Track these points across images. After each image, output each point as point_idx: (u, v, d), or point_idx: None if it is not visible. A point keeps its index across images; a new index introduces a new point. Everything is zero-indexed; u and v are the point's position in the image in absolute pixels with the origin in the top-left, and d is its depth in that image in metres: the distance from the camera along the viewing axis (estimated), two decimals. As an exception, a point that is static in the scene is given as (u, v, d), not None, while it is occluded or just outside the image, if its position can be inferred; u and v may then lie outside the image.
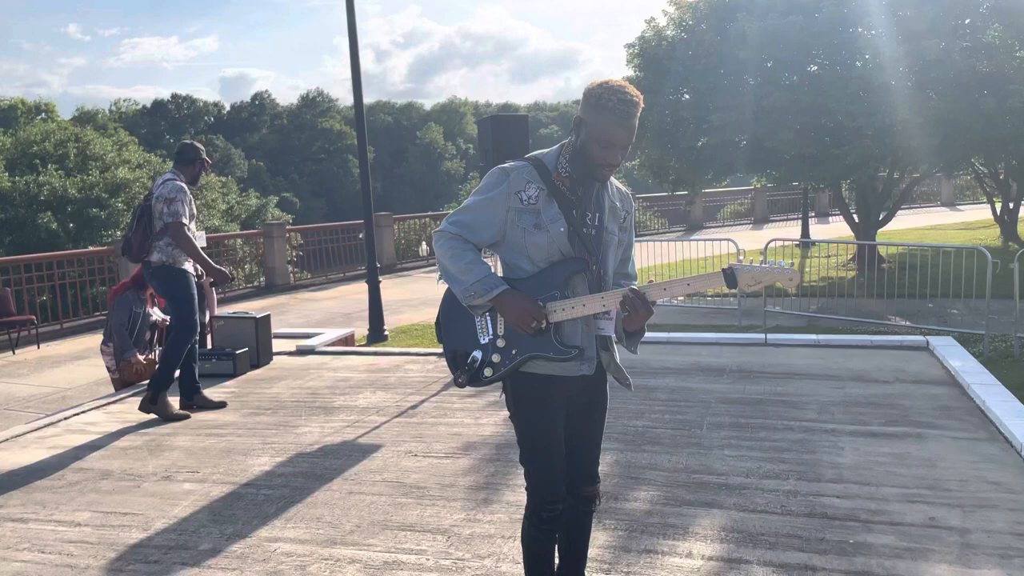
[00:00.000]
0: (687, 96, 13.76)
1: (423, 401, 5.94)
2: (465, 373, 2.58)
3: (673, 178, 15.16)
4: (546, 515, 2.64)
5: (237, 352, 6.99)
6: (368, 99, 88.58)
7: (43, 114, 53.86)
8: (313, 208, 64.20)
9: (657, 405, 5.66)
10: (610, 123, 2.41)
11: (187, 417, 5.75)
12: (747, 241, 13.39)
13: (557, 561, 2.83)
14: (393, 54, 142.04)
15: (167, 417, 5.68)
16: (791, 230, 21.76)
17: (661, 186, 16.23)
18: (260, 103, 78.35)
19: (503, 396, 2.68)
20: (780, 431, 5.00)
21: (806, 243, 16.34)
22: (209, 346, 7.32)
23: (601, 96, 2.43)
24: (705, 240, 12.77)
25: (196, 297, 5.77)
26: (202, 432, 5.41)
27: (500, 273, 2.61)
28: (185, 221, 5.60)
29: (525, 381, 2.57)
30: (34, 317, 11.58)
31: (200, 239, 5.89)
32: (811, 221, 22.65)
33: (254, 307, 13.29)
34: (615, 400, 5.74)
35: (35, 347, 11.31)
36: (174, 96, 75.92)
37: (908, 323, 9.61)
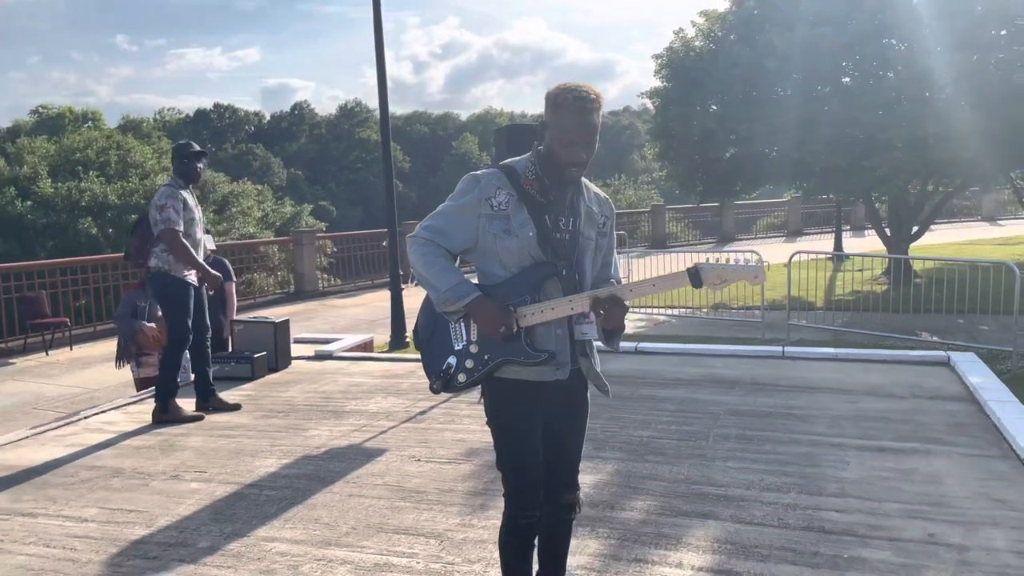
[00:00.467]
0: (715, 107, 13.70)
1: (432, 407, 5.98)
2: (439, 379, 2.62)
3: (701, 189, 15.09)
4: (523, 522, 2.66)
5: (255, 356, 7.12)
6: (405, 110, 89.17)
7: (90, 122, 55.10)
8: (349, 216, 64.88)
9: (665, 416, 5.64)
10: (568, 121, 2.46)
11: (201, 418, 5.85)
12: (773, 253, 13.24)
13: (536, 568, 2.84)
14: (431, 65, 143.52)
15: (181, 420, 5.79)
16: (824, 243, 21.48)
17: (689, 197, 16.15)
18: (299, 113, 79.52)
19: (481, 402, 2.71)
20: (786, 444, 4.95)
21: (829, 256, 16.09)
22: (230, 349, 7.45)
23: (557, 96, 2.48)
24: (731, 251, 12.67)
25: (191, 305, 5.80)
26: (214, 433, 5.52)
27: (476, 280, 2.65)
28: (178, 227, 5.63)
29: (500, 386, 2.60)
30: (67, 320, 11.90)
31: (208, 241, 5.97)
32: (846, 234, 22.35)
33: (282, 312, 13.48)
34: (622, 410, 5.78)
35: (68, 349, 11.62)
36: (216, 106, 77.40)
37: (936, 338, 9.45)
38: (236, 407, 6.09)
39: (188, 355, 7.01)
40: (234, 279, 8.03)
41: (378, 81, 10.08)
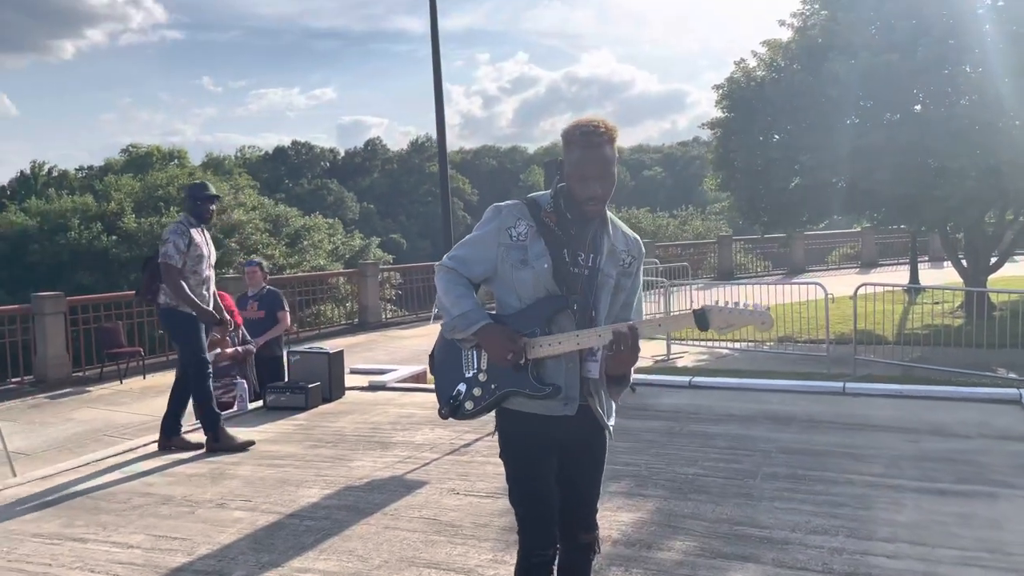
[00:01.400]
0: (778, 137, 13.48)
1: (477, 439, 5.97)
2: (448, 405, 2.63)
3: (766, 220, 14.80)
4: (536, 560, 2.61)
5: (309, 386, 7.25)
6: (474, 144, 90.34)
7: (176, 160, 57.39)
8: (419, 248, 65.90)
9: (713, 452, 5.49)
10: (579, 157, 2.47)
11: (250, 445, 5.94)
12: (838, 285, 12.88)
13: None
14: (500, 99, 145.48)
15: (233, 449, 5.89)
16: (900, 274, 20.74)
17: (752, 228, 15.87)
18: (372, 149, 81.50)
19: (495, 435, 2.70)
20: (839, 485, 4.76)
21: (903, 288, 15.51)
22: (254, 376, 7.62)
23: (569, 133, 2.50)
24: (794, 284, 12.37)
25: (202, 336, 5.89)
26: (263, 462, 5.63)
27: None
28: (173, 262, 5.74)
29: (510, 419, 2.59)
30: (141, 349, 12.36)
31: (210, 280, 5.98)
32: (923, 265, 21.55)
33: (344, 343, 13.73)
34: (669, 446, 5.66)
35: (141, 377, 12.05)
36: (294, 143, 80.00)
37: (1014, 375, 8.98)
38: (200, 446, 6.01)
39: (245, 385, 7.24)
40: (286, 309, 8.25)
41: (437, 119, 10.28)
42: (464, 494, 4.79)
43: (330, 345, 10.51)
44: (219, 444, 5.90)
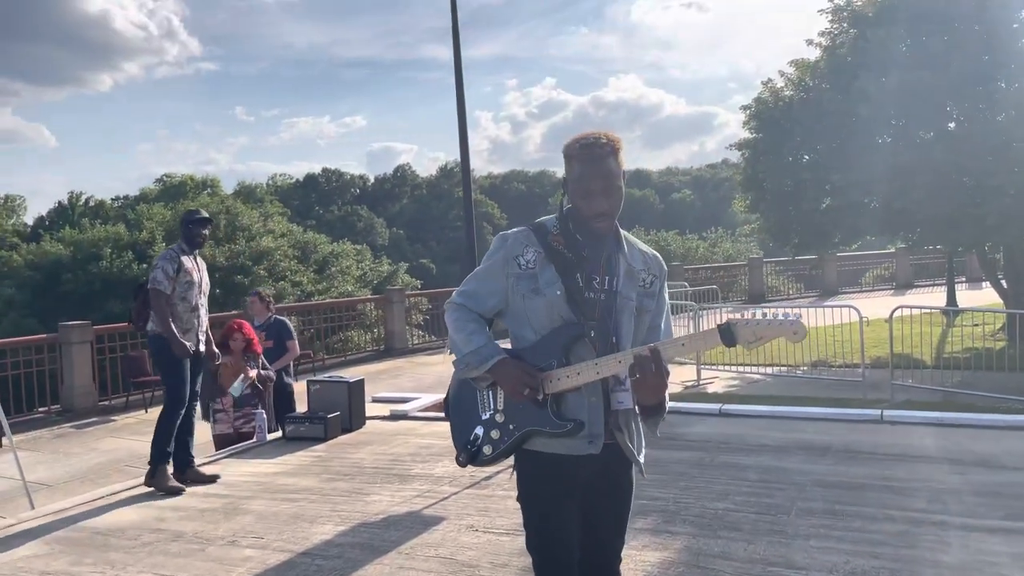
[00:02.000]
0: (807, 157, 13.23)
1: (498, 472, 5.77)
2: (465, 451, 2.45)
3: (797, 241, 14.50)
4: None
5: (329, 416, 7.11)
6: (503, 168, 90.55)
7: (208, 189, 58.13)
8: (448, 273, 65.98)
9: (744, 486, 5.24)
10: (580, 171, 2.33)
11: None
12: (873, 308, 12.53)
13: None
14: (528, 125, 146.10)
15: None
16: (937, 296, 20.23)
17: (783, 249, 15.56)
18: (402, 175, 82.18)
19: (513, 477, 2.52)
20: (879, 521, 4.49)
21: (941, 310, 15.07)
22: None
23: (569, 148, 2.36)
24: (826, 307, 12.05)
25: (186, 369, 5.74)
26: (278, 496, 5.48)
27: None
28: (162, 288, 5.63)
29: (529, 460, 2.41)
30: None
31: (202, 307, 5.83)
32: (960, 286, 21.00)
33: (370, 370, 13.64)
34: (698, 479, 5.42)
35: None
36: (324, 170, 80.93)
37: (1061, 401, 8.60)
38: (213, 479, 5.89)
39: (264, 415, 7.12)
40: (294, 338, 8.18)
41: (461, 148, 10.20)
42: (483, 531, 4.59)
43: (356, 372, 10.41)
44: (154, 481, 5.70)
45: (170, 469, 5.79)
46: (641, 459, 2.48)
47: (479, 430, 2.42)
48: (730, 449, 6.21)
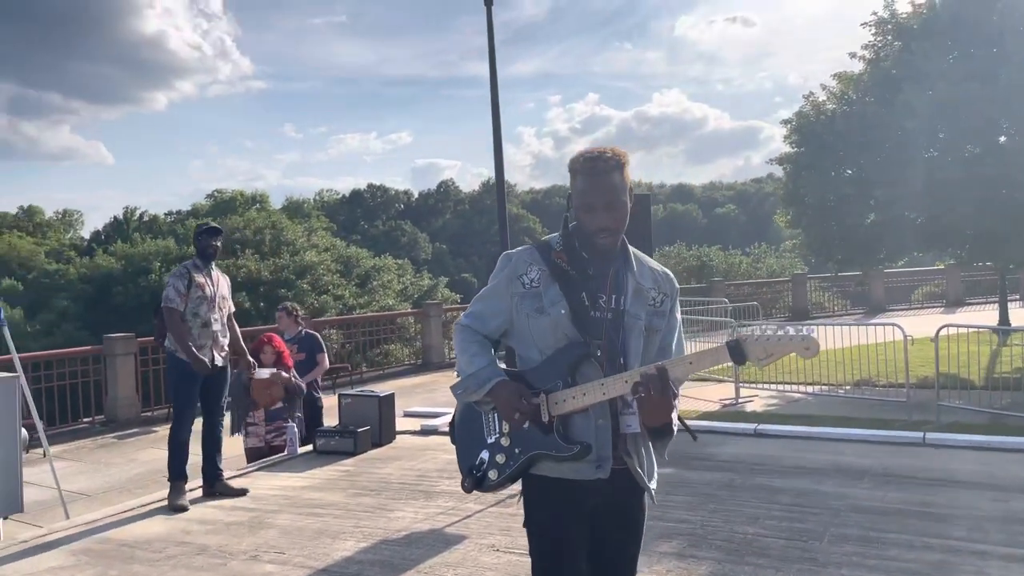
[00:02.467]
0: (850, 171, 12.96)
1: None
2: (471, 476, 2.39)
3: (839, 257, 14.18)
4: None
5: (359, 430, 7.13)
6: (545, 184, 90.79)
7: (258, 204, 59.06)
8: (489, 289, 66.11)
9: (776, 510, 5.09)
10: (583, 185, 2.28)
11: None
12: (921, 326, 12.15)
13: None
14: (571, 140, 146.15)
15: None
16: (989, 314, 19.60)
17: (825, 265, 15.25)
18: (445, 190, 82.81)
19: (520, 501, 2.45)
20: (916, 550, 4.32)
21: (993, 329, 14.55)
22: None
23: (574, 162, 2.31)
24: (868, 325, 11.73)
25: (195, 386, 5.76)
26: (303, 511, 5.49)
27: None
28: (173, 306, 5.68)
29: (534, 485, 2.33)
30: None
31: (215, 322, 5.81)
32: (1014, 304, 20.31)
33: (407, 384, 13.69)
34: (729, 501, 5.28)
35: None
36: (369, 186, 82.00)
37: (1118, 425, 8.21)
38: (242, 492, 5.93)
39: (295, 429, 7.16)
40: (325, 351, 8.21)
41: (496, 164, 10.21)
42: (504, 551, 4.53)
43: (393, 385, 10.45)
44: (167, 496, 5.75)
45: (190, 485, 5.84)
46: (652, 486, 2.39)
47: (484, 454, 2.36)
48: (763, 471, 6.05)
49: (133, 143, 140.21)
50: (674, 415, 2.28)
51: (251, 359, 6.42)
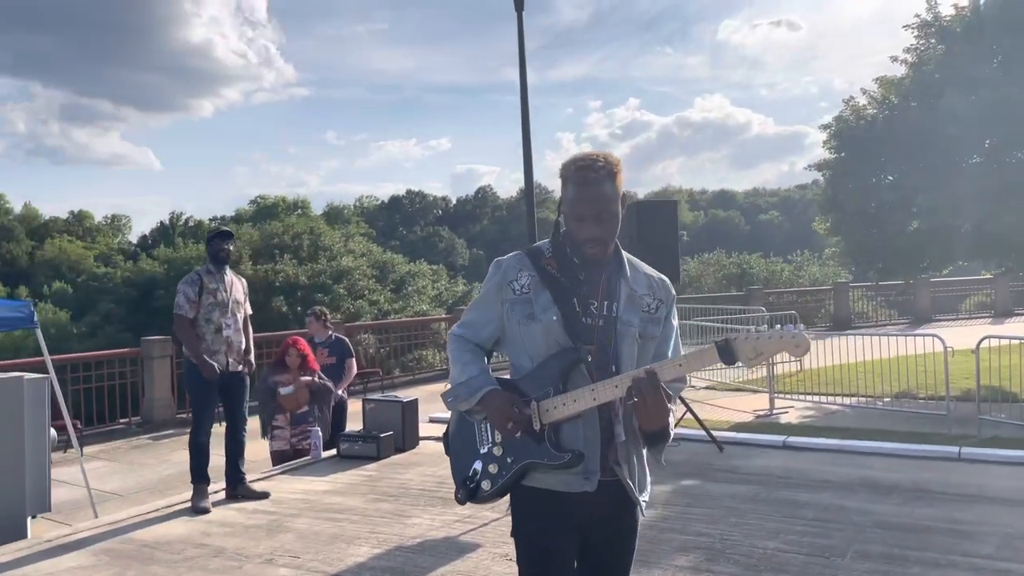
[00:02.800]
0: (891, 178, 12.65)
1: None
2: (464, 487, 2.35)
3: (880, 266, 13.85)
4: None
5: (382, 435, 7.14)
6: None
7: (299, 210, 59.78)
8: (527, 295, 66.11)
9: (798, 524, 4.97)
10: (573, 194, 2.23)
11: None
12: (966, 337, 11.81)
13: None
14: (611, 145, 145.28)
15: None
16: (1039, 325, 19.01)
17: (866, 274, 14.92)
18: (483, 196, 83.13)
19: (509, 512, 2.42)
20: (940, 568, 4.17)
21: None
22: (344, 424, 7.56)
23: (565, 169, 2.26)
24: (908, 336, 11.43)
25: (210, 392, 5.80)
26: (322, 515, 5.51)
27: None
28: (183, 312, 5.74)
29: (523, 496, 2.30)
30: (242, 393, 12.68)
31: (228, 328, 5.81)
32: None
33: (435, 389, 13.67)
34: (750, 515, 5.17)
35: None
36: (408, 192, 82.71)
37: None
38: (264, 495, 5.97)
39: (319, 432, 7.20)
40: (354, 355, 8.25)
41: (525, 169, 10.18)
42: (515, 561, 4.47)
43: (423, 391, 10.48)
44: (192, 500, 5.80)
45: (215, 487, 5.90)
46: (644, 498, 2.34)
47: (478, 464, 2.33)
48: (789, 484, 5.92)
49: (180, 149, 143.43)
50: (670, 419, 2.23)
51: (252, 362, 6.36)
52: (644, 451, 2.33)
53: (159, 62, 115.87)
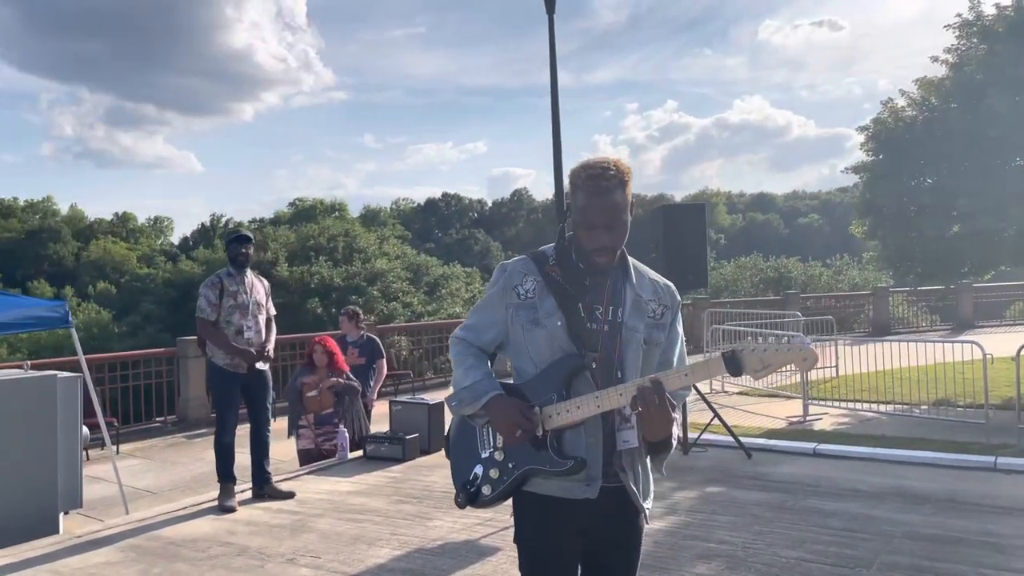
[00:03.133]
0: (930, 180, 12.38)
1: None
2: (464, 492, 2.35)
3: (920, 271, 13.55)
4: None
5: (408, 437, 7.17)
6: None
7: (336, 212, 60.36)
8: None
9: (825, 534, 4.87)
10: (584, 203, 2.21)
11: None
12: (1007, 343, 11.50)
13: None
14: (648, 148, 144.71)
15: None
16: (1087, 332, 18.44)
17: (904, 279, 14.61)
18: (518, 199, 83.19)
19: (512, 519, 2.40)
20: (971, 582, 4.06)
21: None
22: (369, 423, 7.59)
23: (575, 176, 2.24)
24: (946, 343, 11.16)
25: (232, 392, 5.89)
26: (344, 516, 5.54)
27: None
28: (204, 316, 5.81)
29: (525, 502, 2.28)
30: (274, 393, 12.83)
31: (249, 330, 5.86)
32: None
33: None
34: (775, 523, 5.09)
35: (273, 420, 12.48)
36: (444, 194, 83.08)
37: None
38: (290, 495, 6.02)
39: (346, 433, 7.25)
40: (383, 356, 8.28)
41: (555, 168, 10.16)
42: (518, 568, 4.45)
43: (443, 395, 10.50)
44: (219, 498, 5.88)
45: (241, 486, 5.98)
46: (648, 505, 2.31)
47: (478, 469, 2.32)
48: (817, 493, 5.81)
49: (221, 153, 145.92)
50: (674, 429, 2.20)
51: (271, 353, 6.37)
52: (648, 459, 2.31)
53: (202, 67, 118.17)
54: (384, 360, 8.27)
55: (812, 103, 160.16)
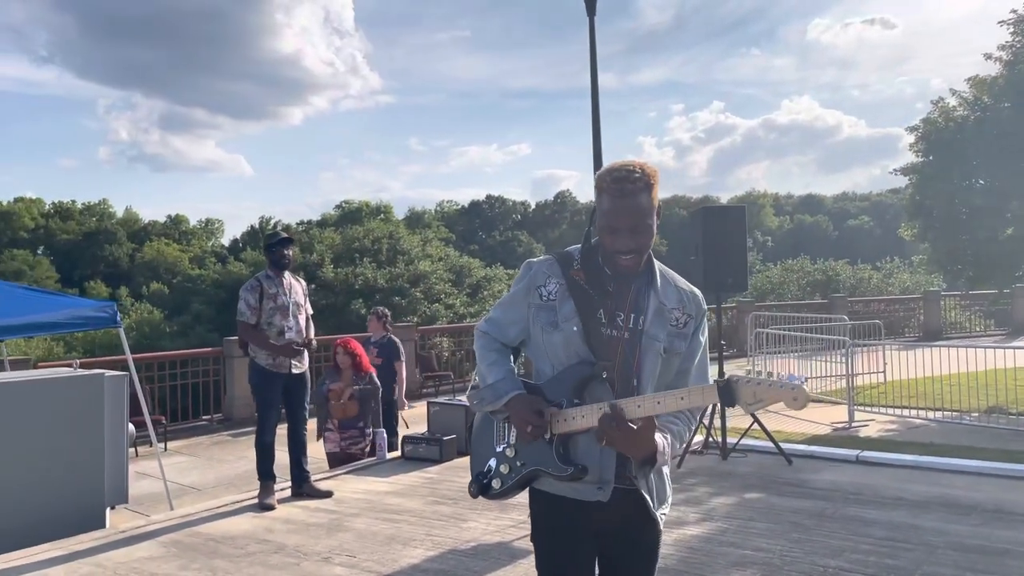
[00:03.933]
0: (982, 182, 12.06)
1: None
2: (476, 482, 2.37)
3: (971, 274, 13.21)
4: None
5: (445, 439, 7.21)
6: (665, 194, 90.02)
7: (382, 214, 60.90)
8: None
9: (865, 543, 4.77)
10: (608, 206, 2.19)
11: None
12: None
13: None
14: (694, 149, 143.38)
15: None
16: None
17: (955, 283, 14.25)
18: (561, 201, 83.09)
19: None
20: (1017, 596, 3.94)
21: None
22: (402, 425, 7.64)
23: (600, 180, 2.23)
24: (997, 348, 10.85)
25: (273, 393, 5.98)
26: (381, 516, 5.60)
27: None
28: (245, 319, 5.91)
29: (538, 500, 2.30)
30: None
31: (290, 330, 5.94)
32: None
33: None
34: (815, 531, 5.01)
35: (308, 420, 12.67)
36: (488, 196, 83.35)
37: None
38: (328, 494, 6.10)
39: (384, 433, 7.33)
40: (403, 359, 8.38)
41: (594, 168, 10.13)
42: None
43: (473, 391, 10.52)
44: (259, 496, 5.98)
45: (281, 484, 6.08)
46: (664, 510, 2.30)
47: (493, 462, 2.34)
48: (859, 501, 5.69)
49: (271, 156, 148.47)
50: (665, 449, 2.15)
51: (313, 341, 6.47)
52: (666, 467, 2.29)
53: (252, 72, 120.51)
54: (402, 363, 8.36)
55: (863, 103, 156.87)
